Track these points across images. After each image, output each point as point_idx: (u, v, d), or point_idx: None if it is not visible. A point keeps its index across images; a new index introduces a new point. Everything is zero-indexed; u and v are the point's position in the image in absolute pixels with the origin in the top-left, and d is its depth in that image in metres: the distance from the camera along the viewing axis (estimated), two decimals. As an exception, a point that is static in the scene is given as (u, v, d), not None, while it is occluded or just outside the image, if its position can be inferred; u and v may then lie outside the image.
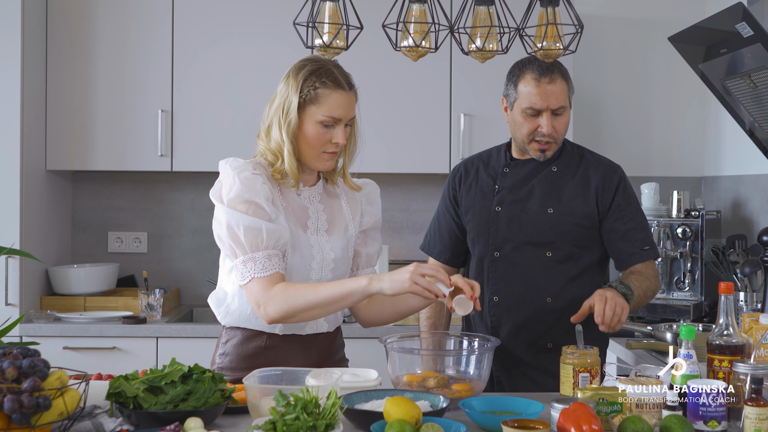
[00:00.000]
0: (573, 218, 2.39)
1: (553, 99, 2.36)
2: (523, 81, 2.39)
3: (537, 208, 2.40)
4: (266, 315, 1.98)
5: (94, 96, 3.63)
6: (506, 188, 2.45)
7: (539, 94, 2.35)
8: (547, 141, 2.39)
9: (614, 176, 2.44)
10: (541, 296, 2.39)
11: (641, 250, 2.41)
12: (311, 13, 2.27)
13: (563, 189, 2.42)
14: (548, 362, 2.36)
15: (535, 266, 2.39)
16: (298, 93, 2.05)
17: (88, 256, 3.96)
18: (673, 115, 4.07)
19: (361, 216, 2.24)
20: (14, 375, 1.51)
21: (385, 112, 3.68)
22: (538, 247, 2.39)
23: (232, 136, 3.59)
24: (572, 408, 1.60)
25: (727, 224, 3.70)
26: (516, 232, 2.41)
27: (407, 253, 4.05)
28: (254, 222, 1.98)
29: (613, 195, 2.42)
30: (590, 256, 2.42)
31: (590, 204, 2.40)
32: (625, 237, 2.41)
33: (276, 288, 1.97)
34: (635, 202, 2.47)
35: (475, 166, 2.55)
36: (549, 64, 2.37)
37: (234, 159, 2.07)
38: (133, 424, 1.68)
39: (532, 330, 2.39)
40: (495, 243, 2.43)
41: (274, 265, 1.98)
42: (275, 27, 3.57)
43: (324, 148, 2.09)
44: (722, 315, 1.84)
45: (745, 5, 2.52)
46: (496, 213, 2.44)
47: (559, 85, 2.37)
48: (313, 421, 1.52)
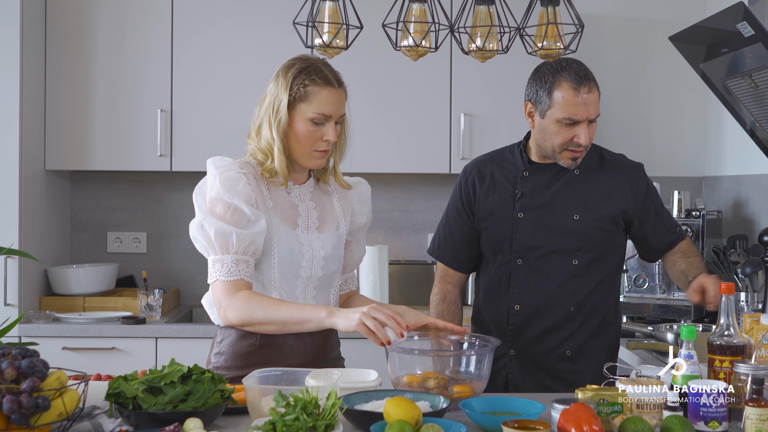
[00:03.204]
0: (600, 223, 2.34)
1: (592, 109, 2.28)
2: (559, 89, 2.27)
3: (562, 215, 2.34)
4: (225, 318, 2.04)
5: (94, 96, 3.62)
6: (527, 193, 2.37)
7: (580, 104, 2.25)
8: (583, 150, 2.32)
9: (640, 175, 2.45)
10: (564, 305, 2.34)
11: (677, 233, 2.49)
12: (311, 13, 2.27)
13: (587, 193, 2.36)
14: (565, 370, 2.35)
15: (560, 274, 2.33)
16: (287, 91, 2.07)
17: (88, 256, 3.96)
18: (673, 114, 4.07)
19: (352, 214, 2.25)
20: (13, 375, 1.50)
21: (385, 112, 3.68)
22: (565, 254, 2.33)
23: (232, 136, 3.58)
24: (573, 408, 1.60)
25: (727, 224, 3.70)
26: (541, 240, 2.33)
27: (407, 253, 4.04)
28: (225, 227, 2.01)
29: (644, 195, 2.43)
30: (612, 260, 2.40)
31: (616, 207, 2.37)
32: (663, 228, 2.47)
33: (239, 294, 2.00)
34: (659, 197, 2.52)
35: (489, 168, 2.45)
36: (584, 71, 2.29)
37: (221, 158, 2.08)
38: (133, 425, 1.67)
39: (552, 338, 2.35)
40: (518, 251, 2.36)
41: (241, 271, 2.02)
42: (275, 27, 3.56)
43: (315, 146, 2.10)
44: (723, 315, 1.84)
45: (746, 5, 2.52)
46: (519, 220, 2.36)
47: (596, 93, 2.29)
48: (313, 422, 1.52)
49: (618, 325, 2.48)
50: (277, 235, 2.07)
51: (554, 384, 2.35)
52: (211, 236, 2.01)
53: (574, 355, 2.36)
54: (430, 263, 3.87)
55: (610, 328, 2.42)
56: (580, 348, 2.36)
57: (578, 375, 2.34)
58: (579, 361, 2.36)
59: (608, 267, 2.39)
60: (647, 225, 2.45)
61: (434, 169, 3.72)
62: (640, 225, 2.44)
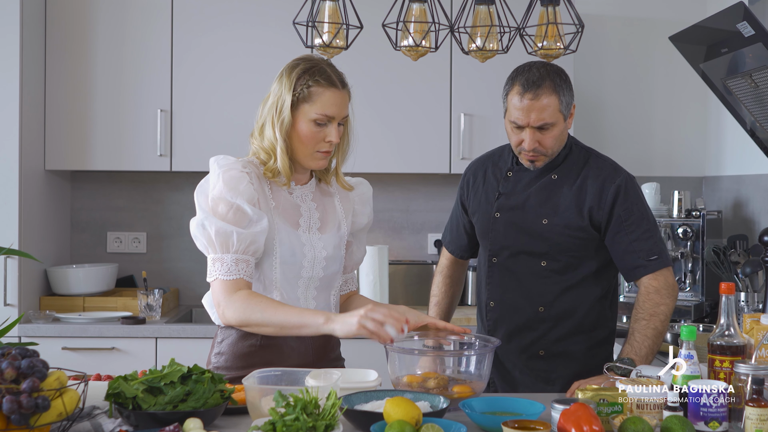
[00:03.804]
0: (567, 230, 2.33)
1: (534, 116, 2.24)
2: (511, 92, 2.29)
3: (532, 218, 2.35)
4: (223, 317, 2.03)
5: (93, 96, 3.62)
6: (506, 194, 2.41)
7: (521, 109, 2.25)
8: (534, 155, 2.31)
9: (611, 186, 2.31)
10: (533, 305, 2.36)
11: (647, 261, 2.28)
12: (311, 13, 2.27)
13: (560, 199, 2.34)
14: (539, 368, 2.37)
15: (529, 275, 2.36)
16: (291, 91, 2.06)
17: (87, 256, 3.96)
18: (673, 114, 4.07)
19: (353, 215, 2.25)
20: (13, 375, 1.50)
21: (385, 112, 3.68)
22: (533, 256, 2.36)
23: (232, 136, 3.59)
24: (573, 409, 1.59)
25: (728, 224, 3.70)
26: (512, 240, 2.37)
27: (407, 253, 4.04)
28: (226, 226, 2.00)
29: (611, 207, 2.30)
30: (588, 266, 2.36)
31: (584, 217, 2.32)
32: (629, 249, 2.30)
33: (238, 294, 2.00)
34: (640, 210, 2.32)
35: (485, 167, 2.50)
36: (538, 76, 2.25)
37: (224, 157, 2.07)
38: (133, 425, 1.67)
39: (524, 336, 2.38)
40: (493, 249, 2.42)
41: (240, 271, 2.01)
42: (275, 26, 3.56)
43: (317, 147, 2.10)
44: (723, 315, 1.84)
45: (746, 5, 2.52)
46: (495, 219, 2.41)
47: (544, 100, 2.24)
48: (313, 422, 1.52)
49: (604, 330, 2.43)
50: (279, 235, 2.07)
51: (525, 381, 2.39)
52: (211, 235, 2.01)
53: (549, 355, 2.37)
54: (429, 263, 3.87)
55: (592, 333, 2.40)
56: (555, 349, 2.37)
57: (552, 375, 2.37)
58: (555, 362, 2.37)
59: (584, 273, 2.36)
60: (612, 239, 2.32)
61: (434, 169, 3.72)
62: (610, 238, 2.33)
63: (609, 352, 2.45)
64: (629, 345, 2.23)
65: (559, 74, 2.29)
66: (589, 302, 2.37)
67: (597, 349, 2.41)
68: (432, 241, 4.01)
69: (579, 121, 3.91)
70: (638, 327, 2.25)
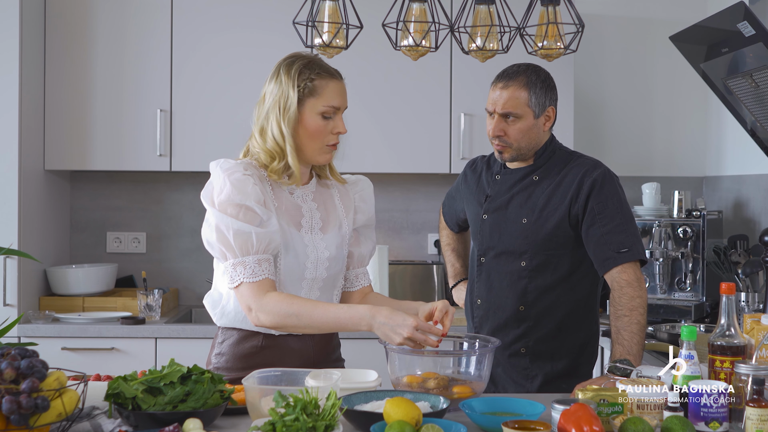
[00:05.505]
0: (545, 228, 2.37)
1: (500, 103, 2.34)
2: (491, 85, 2.41)
3: (513, 218, 2.42)
4: (257, 320, 2.00)
5: (93, 95, 3.62)
6: (492, 197, 2.49)
7: (490, 96, 2.38)
8: (499, 144, 2.39)
9: (588, 179, 2.34)
10: (514, 304, 2.41)
11: (617, 254, 2.28)
12: (311, 13, 2.27)
13: (539, 199, 2.40)
14: (521, 366, 2.42)
15: (510, 275, 2.42)
16: (295, 88, 2.05)
17: (87, 256, 3.95)
18: (674, 114, 4.06)
19: (355, 213, 2.24)
20: (12, 376, 1.50)
21: (385, 112, 3.67)
22: (513, 256, 2.42)
23: (232, 136, 3.58)
24: (573, 409, 1.59)
25: (728, 224, 3.70)
26: (496, 241, 2.45)
27: (407, 253, 4.04)
28: (244, 226, 1.98)
29: (586, 200, 2.33)
30: (567, 265, 2.39)
31: (563, 212, 2.35)
32: (600, 241, 2.30)
33: (270, 297, 1.97)
34: (615, 203, 2.33)
35: (481, 167, 2.59)
36: (515, 71, 2.36)
37: (225, 160, 2.05)
38: (132, 425, 1.67)
39: (506, 334, 2.42)
40: (480, 249, 2.50)
41: (264, 271, 1.99)
42: (275, 26, 3.56)
43: (326, 141, 2.09)
44: (724, 315, 1.84)
45: (746, 4, 2.51)
46: (483, 221, 2.49)
47: (513, 91, 2.33)
48: (313, 422, 1.51)
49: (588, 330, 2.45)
50: (283, 236, 2.05)
51: (507, 378, 2.43)
52: (230, 239, 1.98)
53: (531, 353, 2.41)
54: (430, 263, 3.87)
55: (577, 332, 2.42)
56: (537, 348, 2.40)
57: (532, 372, 2.41)
58: (537, 360, 2.41)
59: (562, 272, 2.38)
60: (586, 232, 2.34)
61: (434, 169, 3.72)
62: (585, 231, 2.34)
63: (591, 352, 2.47)
64: (620, 345, 2.23)
65: (538, 74, 2.36)
66: (570, 303, 2.41)
67: (579, 349, 2.43)
68: (432, 241, 4.01)
69: (579, 121, 3.91)
70: (622, 324, 2.25)
